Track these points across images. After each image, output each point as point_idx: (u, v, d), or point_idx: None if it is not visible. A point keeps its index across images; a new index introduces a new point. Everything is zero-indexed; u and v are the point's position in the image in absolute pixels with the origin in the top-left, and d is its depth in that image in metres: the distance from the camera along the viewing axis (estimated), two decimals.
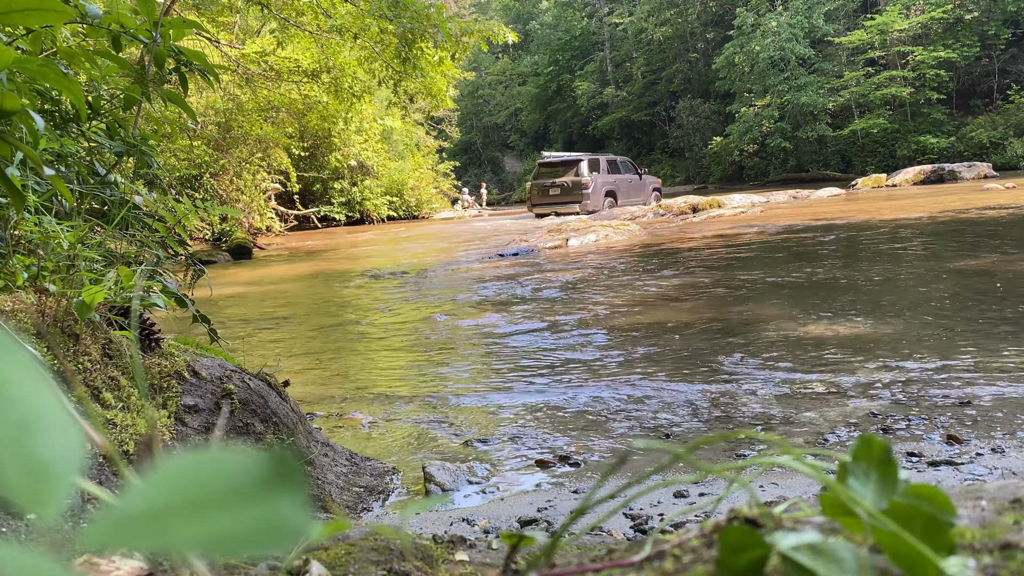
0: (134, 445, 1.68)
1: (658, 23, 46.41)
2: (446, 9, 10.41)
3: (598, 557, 0.64)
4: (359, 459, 2.72)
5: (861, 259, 7.91)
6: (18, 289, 1.77)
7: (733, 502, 2.20)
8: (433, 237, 17.84)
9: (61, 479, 0.25)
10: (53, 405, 0.27)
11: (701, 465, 0.52)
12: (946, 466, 2.50)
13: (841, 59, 37.52)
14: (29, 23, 1.22)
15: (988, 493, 0.62)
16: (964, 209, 12.41)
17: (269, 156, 20.21)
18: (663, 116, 47.37)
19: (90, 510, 1.35)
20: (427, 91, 11.71)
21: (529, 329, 5.43)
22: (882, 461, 0.51)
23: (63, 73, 1.35)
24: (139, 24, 2.07)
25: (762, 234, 11.39)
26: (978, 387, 3.29)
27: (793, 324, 4.85)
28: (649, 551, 0.59)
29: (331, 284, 9.79)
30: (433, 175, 30.36)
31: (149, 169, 2.35)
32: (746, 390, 3.53)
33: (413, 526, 2.28)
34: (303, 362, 4.91)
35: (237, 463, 0.27)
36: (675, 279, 7.37)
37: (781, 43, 36.45)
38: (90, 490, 0.36)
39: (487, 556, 1.13)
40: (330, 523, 0.51)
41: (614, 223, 13.51)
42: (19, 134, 1.54)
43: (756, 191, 24.14)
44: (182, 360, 2.09)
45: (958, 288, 5.66)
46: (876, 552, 0.50)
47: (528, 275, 8.65)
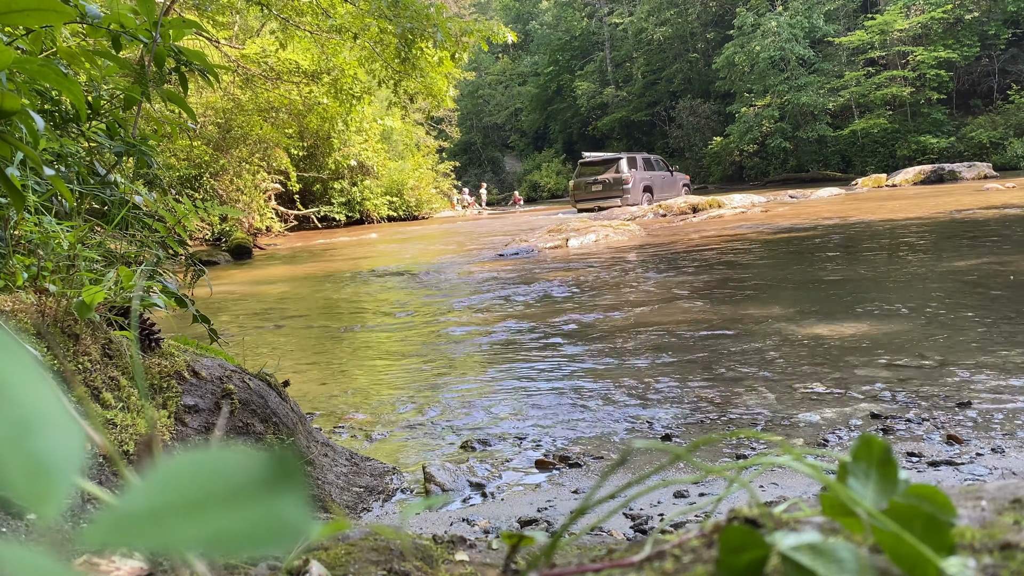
0: (134, 445, 1.68)
1: (658, 23, 46.42)
2: (446, 9, 10.41)
3: (598, 557, 0.64)
4: (359, 459, 2.72)
5: (861, 259, 7.91)
6: (18, 289, 1.77)
7: (733, 502, 2.20)
8: (433, 237, 17.84)
9: (62, 478, 0.25)
10: (54, 405, 0.27)
11: (701, 465, 0.52)
12: (946, 466, 2.50)
13: (841, 59, 37.53)
14: (29, 23, 1.22)
15: (988, 493, 0.62)
16: (964, 209, 12.41)
17: (269, 156, 20.21)
18: (663, 116, 47.37)
19: (90, 510, 1.35)
20: (427, 91, 11.71)
21: (529, 329, 5.43)
22: (882, 461, 0.51)
23: (63, 73, 1.35)
24: (139, 24, 2.07)
25: (762, 234, 11.39)
26: (978, 387, 3.29)
27: (793, 324, 4.85)
28: (649, 551, 0.59)
29: (331, 284, 9.79)
30: (433, 175, 30.36)
31: (149, 169, 2.35)
32: (746, 390, 3.53)
33: (413, 526, 2.28)
34: (303, 362, 4.91)
35: (237, 463, 0.27)
36: (675, 279, 7.37)
37: (781, 43, 36.45)
38: (90, 490, 0.36)
39: (487, 556, 1.13)
40: (330, 523, 0.51)
41: (614, 223, 13.51)
42: (19, 134, 1.54)
43: (756, 191, 24.14)
44: (182, 360, 2.09)
45: (958, 288, 5.66)
46: (876, 552, 0.50)
47: (528, 275, 8.66)
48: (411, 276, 9.75)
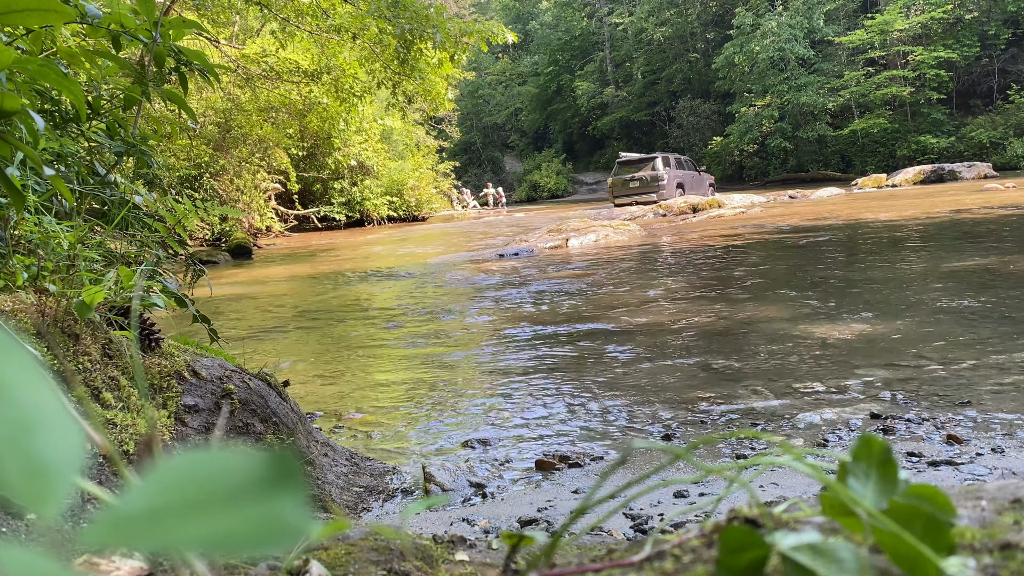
0: (134, 445, 1.68)
1: (658, 23, 46.43)
2: (445, 10, 10.40)
3: (598, 557, 0.64)
4: (359, 459, 2.72)
5: (861, 259, 7.91)
6: (18, 289, 1.77)
7: (733, 502, 2.20)
8: (433, 236, 17.84)
9: (61, 478, 0.25)
10: (53, 405, 0.27)
11: (701, 465, 0.52)
12: (946, 466, 2.50)
13: (841, 59, 37.54)
14: (29, 23, 1.22)
15: (988, 493, 0.62)
16: (964, 209, 12.42)
17: (269, 156, 20.21)
18: (663, 116, 47.39)
19: (90, 510, 1.35)
20: (426, 93, 11.70)
21: (528, 329, 5.43)
22: (882, 461, 0.51)
23: (63, 73, 1.35)
24: (139, 24, 2.07)
25: (762, 234, 11.39)
26: (978, 387, 3.29)
27: (793, 323, 4.85)
28: (649, 551, 0.59)
29: (331, 284, 9.79)
30: (433, 175, 30.37)
31: (149, 169, 2.35)
32: (746, 389, 3.53)
33: (413, 526, 2.28)
34: (303, 362, 4.91)
35: (237, 462, 0.27)
36: (675, 279, 7.37)
37: (781, 43, 36.45)
38: (90, 490, 0.36)
39: (487, 556, 1.13)
40: (330, 523, 0.51)
41: (614, 223, 13.51)
42: (19, 134, 1.54)
43: (756, 191, 24.17)
44: (182, 360, 2.09)
45: (958, 287, 5.66)
46: (876, 552, 0.50)
47: (528, 275, 8.66)
48: (411, 276, 9.75)
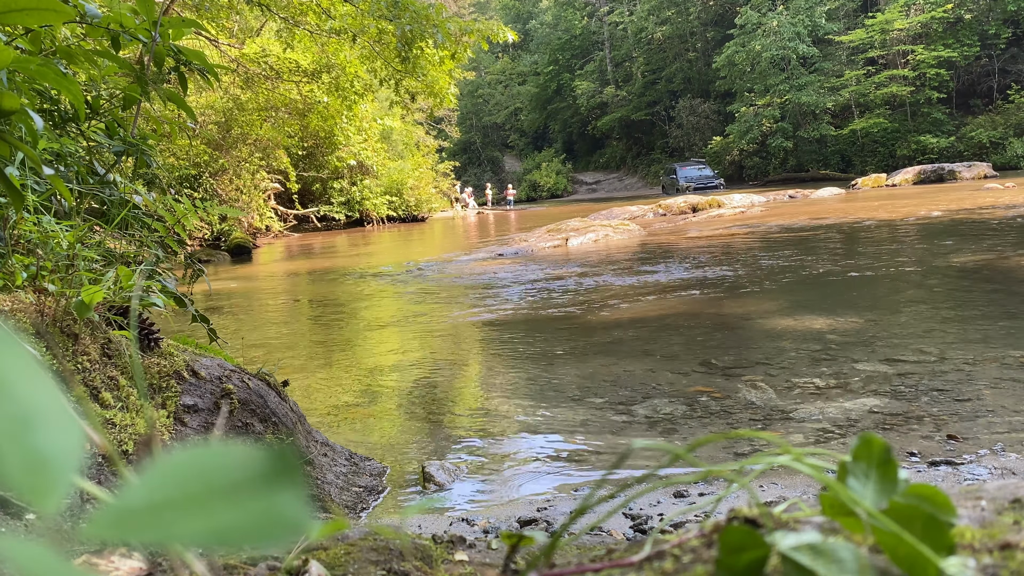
0: (133, 445, 1.68)
1: (658, 22, 46.44)
2: (445, 9, 10.39)
3: (598, 557, 0.64)
4: (358, 459, 2.72)
5: (861, 257, 7.91)
6: (17, 289, 1.77)
7: (733, 502, 2.20)
8: (433, 236, 17.83)
9: (61, 473, 0.25)
10: (53, 401, 0.27)
11: (701, 465, 0.52)
12: (946, 466, 2.49)
13: (841, 58, 37.55)
14: (29, 23, 1.22)
15: (988, 493, 0.62)
16: (964, 208, 12.42)
17: (269, 156, 20.21)
18: (663, 116, 47.39)
19: (89, 510, 1.35)
20: (429, 89, 11.69)
21: (528, 328, 5.43)
22: (882, 461, 0.51)
23: (62, 73, 1.35)
24: (138, 24, 2.07)
25: (762, 233, 11.39)
26: (978, 386, 3.29)
27: (793, 321, 4.85)
28: (649, 551, 0.59)
29: (330, 283, 9.79)
30: (433, 175, 30.36)
31: (148, 169, 2.35)
32: (746, 386, 3.53)
33: (412, 526, 2.28)
34: (303, 361, 4.91)
35: (236, 458, 0.27)
36: (674, 278, 7.37)
37: (783, 42, 36.45)
38: (89, 490, 0.36)
39: (487, 556, 1.13)
40: (329, 523, 0.51)
41: (614, 223, 13.51)
42: (18, 134, 1.54)
43: (756, 191, 24.15)
44: (181, 360, 2.09)
45: (958, 286, 5.66)
46: (876, 552, 0.50)
47: (527, 275, 8.65)
48: (410, 275, 9.75)
